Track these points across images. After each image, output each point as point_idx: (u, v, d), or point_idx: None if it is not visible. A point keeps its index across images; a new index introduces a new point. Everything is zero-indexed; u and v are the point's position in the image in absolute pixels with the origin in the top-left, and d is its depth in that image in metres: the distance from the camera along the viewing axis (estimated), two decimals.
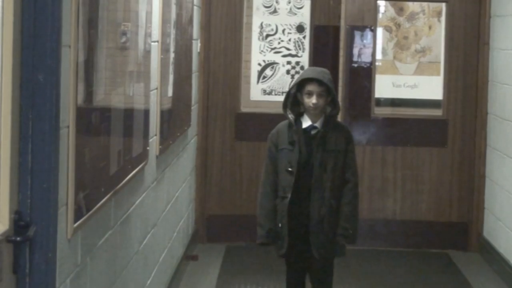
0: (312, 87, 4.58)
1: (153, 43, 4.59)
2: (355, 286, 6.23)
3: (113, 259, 3.74)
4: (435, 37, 7.42)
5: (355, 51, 7.21)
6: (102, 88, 3.34)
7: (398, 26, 7.41)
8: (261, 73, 7.38)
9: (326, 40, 7.29)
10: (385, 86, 7.37)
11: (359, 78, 7.22)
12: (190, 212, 6.81)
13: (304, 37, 7.35)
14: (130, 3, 3.86)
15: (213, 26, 7.21)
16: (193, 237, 6.89)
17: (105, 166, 3.41)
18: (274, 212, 4.64)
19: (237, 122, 7.27)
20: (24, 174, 2.62)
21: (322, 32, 7.30)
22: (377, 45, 7.28)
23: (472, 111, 7.18)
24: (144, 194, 4.51)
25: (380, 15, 7.39)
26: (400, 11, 7.41)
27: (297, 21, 7.36)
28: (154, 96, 4.73)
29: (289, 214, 4.58)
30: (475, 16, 7.15)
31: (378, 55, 7.38)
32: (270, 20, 7.36)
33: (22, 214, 2.61)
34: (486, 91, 7.08)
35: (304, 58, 7.35)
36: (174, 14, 5.28)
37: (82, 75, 3.01)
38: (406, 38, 7.43)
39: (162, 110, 4.93)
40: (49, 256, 2.67)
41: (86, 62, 3.05)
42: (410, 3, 7.40)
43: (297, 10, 7.35)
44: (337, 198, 4.61)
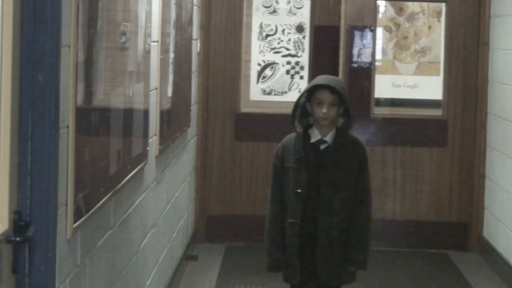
0: (322, 95, 4.10)
1: (152, 43, 4.59)
2: (355, 285, 6.22)
3: (112, 259, 3.73)
4: (435, 37, 7.42)
5: (355, 51, 7.21)
6: (102, 88, 3.34)
7: (398, 26, 7.41)
8: (260, 73, 7.37)
9: (326, 40, 7.29)
10: (384, 86, 7.37)
11: (359, 78, 7.22)
12: (190, 212, 6.81)
13: (303, 37, 7.35)
14: (130, 3, 3.86)
15: (213, 26, 7.21)
16: (193, 237, 6.89)
17: (104, 166, 3.41)
18: (282, 238, 4.21)
19: (237, 122, 7.27)
20: (23, 174, 2.61)
21: (322, 32, 7.30)
22: (377, 45, 7.28)
23: (472, 111, 7.18)
24: (143, 194, 4.51)
25: (380, 15, 7.39)
26: (400, 11, 7.41)
27: (296, 21, 7.35)
28: (154, 96, 4.73)
29: (298, 240, 4.17)
30: (475, 16, 7.15)
31: (378, 55, 7.38)
32: (269, 20, 7.36)
33: (21, 214, 2.61)
34: (486, 91, 7.07)
35: (303, 58, 7.35)
36: (174, 14, 5.28)
37: (82, 75, 3.01)
38: (406, 38, 7.43)
39: (162, 110, 4.92)
40: (48, 256, 2.67)
41: (85, 62, 3.05)
42: (410, 3, 7.39)
43: (296, 10, 7.35)
44: (347, 221, 4.16)
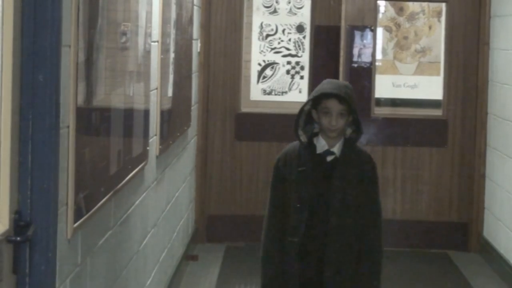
0: (330, 104, 3.75)
1: (153, 43, 4.58)
2: None
3: (113, 259, 3.73)
4: (435, 37, 7.42)
5: (355, 51, 7.21)
6: (102, 88, 3.34)
7: (398, 26, 7.41)
8: (261, 73, 7.38)
9: (326, 40, 7.29)
10: (385, 86, 7.38)
11: (359, 78, 7.21)
12: (190, 212, 6.81)
13: (304, 37, 7.35)
14: (130, 3, 3.86)
15: (213, 26, 7.21)
16: (193, 237, 6.89)
17: (105, 166, 3.41)
18: (281, 256, 3.89)
19: (237, 122, 7.27)
20: (24, 174, 2.61)
21: (322, 32, 7.30)
22: (377, 45, 7.28)
23: (472, 111, 7.18)
24: (144, 194, 4.51)
25: (380, 15, 7.39)
26: (400, 11, 7.41)
27: (297, 21, 7.35)
28: (154, 96, 4.73)
29: (300, 259, 3.82)
30: (475, 16, 7.15)
31: (378, 55, 7.39)
32: (270, 20, 7.36)
33: (22, 214, 2.61)
34: (486, 91, 7.07)
35: (304, 58, 7.35)
36: (174, 14, 5.28)
37: (82, 75, 3.01)
38: (406, 38, 7.43)
39: (162, 110, 4.92)
40: (49, 256, 2.67)
41: (86, 62, 3.05)
42: (410, 3, 7.40)
43: (297, 10, 7.35)
44: (356, 241, 3.81)
